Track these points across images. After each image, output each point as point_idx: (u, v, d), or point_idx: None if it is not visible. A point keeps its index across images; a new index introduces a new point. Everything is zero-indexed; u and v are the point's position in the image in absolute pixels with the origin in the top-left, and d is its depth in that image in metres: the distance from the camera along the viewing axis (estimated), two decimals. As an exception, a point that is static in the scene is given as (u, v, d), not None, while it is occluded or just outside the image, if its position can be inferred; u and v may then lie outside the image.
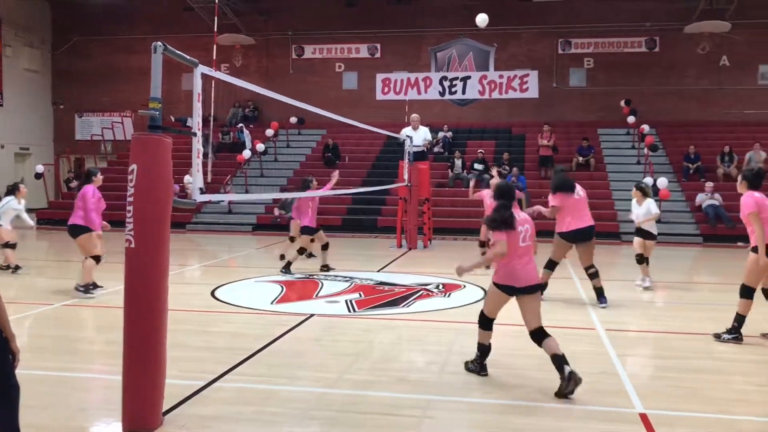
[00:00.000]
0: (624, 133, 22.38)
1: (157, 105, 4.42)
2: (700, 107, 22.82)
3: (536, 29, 23.64)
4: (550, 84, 23.55)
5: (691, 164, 19.92)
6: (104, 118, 26.62)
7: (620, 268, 13.81)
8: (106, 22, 25.86)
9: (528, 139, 22.43)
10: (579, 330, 7.53)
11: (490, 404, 5.04)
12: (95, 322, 7.87)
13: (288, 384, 5.47)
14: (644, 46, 23.41)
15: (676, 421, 4.74)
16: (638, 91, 22.69)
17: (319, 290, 9.78)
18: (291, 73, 25.18)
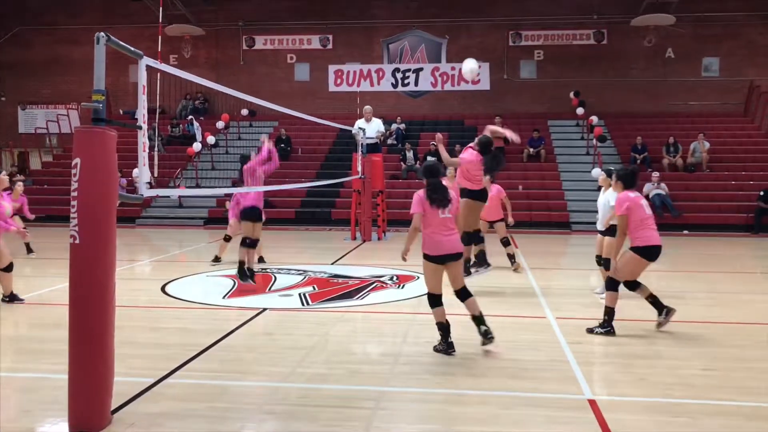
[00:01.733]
0: (573, 124, 22.75)
1: (100, 97, 4.31)
2: (646, 99, 23.34)
3: (487, 21, 23.82)
4: (502, 76, 23.78)
5: (638, 155, 20.37)
6: (49, 111, 25.86)
7: (571, 258, 14.10)
8: (49, 12, 25.12)
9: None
10: (529, 319, 7.64)
11: (442, 394, 5.09)
12: (40, 320, 7.67)
13: (240, 379, 5.43)
14: (592, 39, 23.81)
15: (623, 406, 4.86)
16: (587, 82, 23.09)
17: (272, 284, 9.72)
18: (242, 65, 24.87)
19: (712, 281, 10.64)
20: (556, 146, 22.03)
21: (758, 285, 10.54)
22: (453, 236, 6.08)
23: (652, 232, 6.84)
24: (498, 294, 9.18)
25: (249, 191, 9.24)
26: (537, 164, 20.94)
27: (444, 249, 6.01)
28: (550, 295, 8.92)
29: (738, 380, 5.43)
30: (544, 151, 21.22)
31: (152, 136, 11.88)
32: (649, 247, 6.80)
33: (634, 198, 6.86)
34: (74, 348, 4.28)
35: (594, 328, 6.87)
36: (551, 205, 18.72)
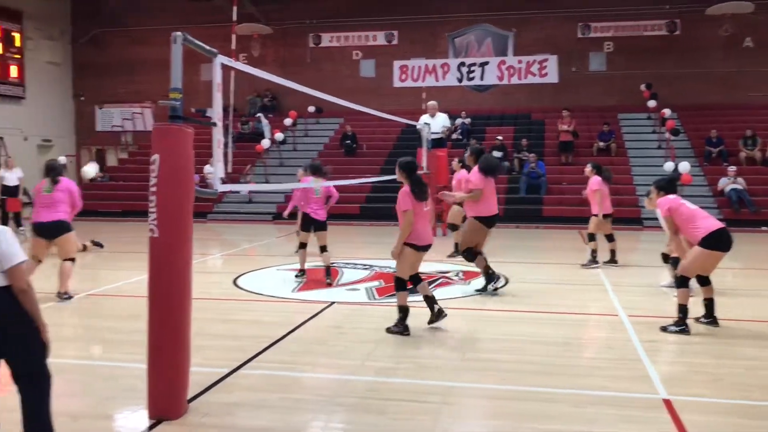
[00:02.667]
0: (645, 117, 22.14)
1: (177, 95, 4.45)
2: (722, 90, 22.49)
3: (555, 13, 23.40)
4: (570, 68, 23.31)
5: (713, 148, 19.68)
6: (124, 109, 26.80)
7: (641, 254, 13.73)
8: (124, 14, 25.99)
9: (547, 125, 22.28)
10: (602, 316, 7.50)
11: (510, 390, 5.05)
12: (120, 311, 7.97)
13: (310, 371, 5.52)
14: (665, 29, 23.08)
15: (699, 406, 4.72)
16: (659, 74, 22.40)
17: (340, 278, 9.82)
18: (308, 62, 25.17)
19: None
20: (626, 140, 21.49)
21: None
22: (429, 228, 6.84)
23: (704, 221, 6.71)
24: (568, 291, 9.04)
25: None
26: (607, 158, 20.42)
27: (428, 239, 6.70)
28: (621, 292, 8.73)
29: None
30: (614, 144, 20.72)
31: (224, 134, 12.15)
32: (709, 236, 6.57)
33: (673, 199, 6.93)
34: (153, 338, 4.44)
35: (668, 327, 6.69)
36: (622, 201, 18.25)
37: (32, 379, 3.55)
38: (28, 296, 3.48)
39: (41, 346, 3.57)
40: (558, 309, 7.75)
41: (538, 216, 18.31)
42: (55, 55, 26.47)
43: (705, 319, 6.88)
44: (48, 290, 8.09)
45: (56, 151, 25.62)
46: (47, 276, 8.46)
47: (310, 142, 23.34)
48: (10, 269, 3.43)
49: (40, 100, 25.58)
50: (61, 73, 26.94)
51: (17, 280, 3.44)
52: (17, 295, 3.45)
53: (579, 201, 18.59)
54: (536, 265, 11.38)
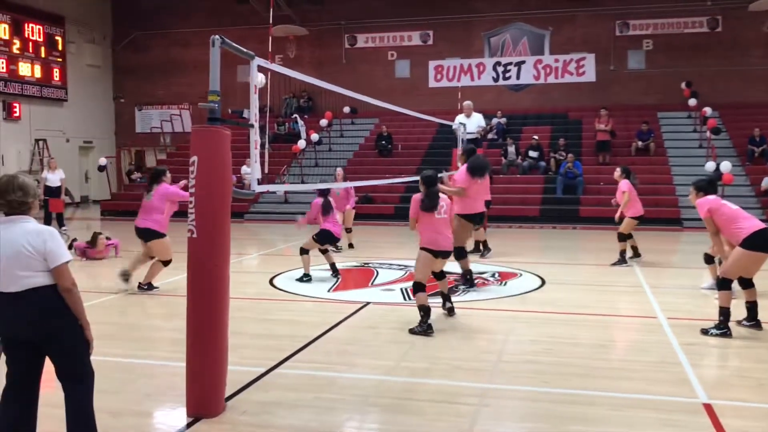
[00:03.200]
0: (685, 116, 21.73)
1: (216, 98, 4.51)
2: (765, 88, 21.96)
3: (592, 11, 23.11)
4: (608, 67, 23.01)
5: (756, 147, 19.24)
6: (163, 111, 27.22)
7: (681, 255, 13.51)
8: (162, 17, 26.40)
9: (585, 124, 22.02)
10: (640, 318, 7.40)
11: (547, 393, 5.01)
12: (159, 310, 8.10)
13: (346, 371, 5.54)
14: (706, 26, 22.64)
15: (742, 411, 4.63)
16: (699, 72, 21.97)
17: (375, 278, 9.85)
18: (344, 63, 25.26)
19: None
20: (666, 139, 21.12)
21: None
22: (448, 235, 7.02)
23: (746, 221, 6.60)
24: (605, 292, 8.93)
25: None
26: (646, 158, 20.13)
27: (443, 245, 6.91)
28: (660, 294, 8.58)
29: None
30: (654, 144, 20.38)
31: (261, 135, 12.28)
32: (752, 236, 6.44)
33: (713, 200, 6.84)
34: (192, 337, 4.50)
35: (709, 330, 6.56)
36: (661, 201, 17.95)
37: (76, 376, 3.63)
38: (72, 295, 3.56)
39: (85, 345, 3.64)
40: (595, 311, 7.66)
41: (575, 216, 18.10)
42: (96, 58, 27.01)
43: (747, 322, 6.74)
44: (93, 289, 8.25)
45: (97, 152, 26.16)
46: (92, 276, 8.62)
47: (346, 142, 23.41)
48: (56, 268, 3.51)
49: (82, 103, 26.12)
50: (101, 76, 27.48)
51: (63, 280, 3.52)
52: (62, 293, 3.53)
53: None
54: (573, 266, 11.26)
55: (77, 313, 3.58)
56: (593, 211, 18.24)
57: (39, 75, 23.87)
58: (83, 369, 3.65)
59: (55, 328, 3.53)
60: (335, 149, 22.88)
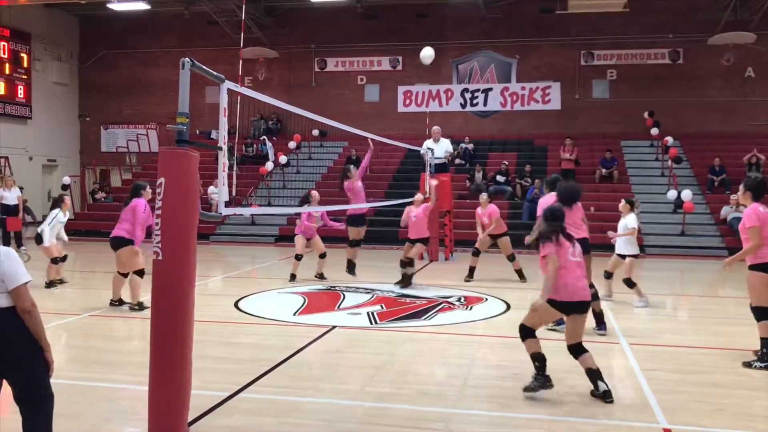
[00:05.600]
0: (647, 145, 22.20)
1: (185, 120, 4.50)
2: (724, 119, 22.59)
3: (558, 41, 23.60)
4: (573, 96, 23.47)
5: (715, 177, 19.73)
6: (129, 130, 26.94)
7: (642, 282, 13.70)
8: (131, 36, 26.23)
9: (550, 151, 22.35)
10: (602, 344, 7.48)
11: (511, 418, 5.04)
12: (121, 332, 7.97)
13: (311, 396, 5.51)
14: (668, 58, 23.26)
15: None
16: (662, 102, 22.51)
17: (341, 302, 9.82)
18: (313, 86, 25.35)
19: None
20: (629, 167, 21.54)
21: None
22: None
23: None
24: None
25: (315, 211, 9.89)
26: (609, 185, 20.49)
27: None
28: (622, 319, 8.71)
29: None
30: (617, 172, 20.77)
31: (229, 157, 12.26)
32: None
33: (764, 213, 6.42)
34: (155, 360, 4.44)
35: (752, 362, 6.39)
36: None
37: (34, 399, 3.55)
38: (32, 316, 3.50)
39: (44, 367, 3.58)
40: (559, 336, 7.72)
41: (541, 242, 18.28)
42: (62, 76, 26.70)
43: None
44: (55, 311, 8.09)
45: (61, 171, 25.75)
46: (56, 297, 8.45)
47: (314, 165, 23.43)
48: (14, 290, 3.45)
49: (46, 121, 25.75)
50: (67, 94, 27.15)
51: (22, 301, 3.46)
52: (21, 315, 3.47)
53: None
54: (537, 291, 11.33)
55: (37, 335, 3.52)
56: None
57: (2, 92, 23.48)
58: (42, 392, 3.57)
59: (13, 351, 3.46)
60: (303, 172, 22.90)
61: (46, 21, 25.64)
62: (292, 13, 24.96)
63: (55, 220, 10.53)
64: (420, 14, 24.22)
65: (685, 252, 17.02)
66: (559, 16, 22.67)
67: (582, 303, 5.44)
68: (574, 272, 5.43)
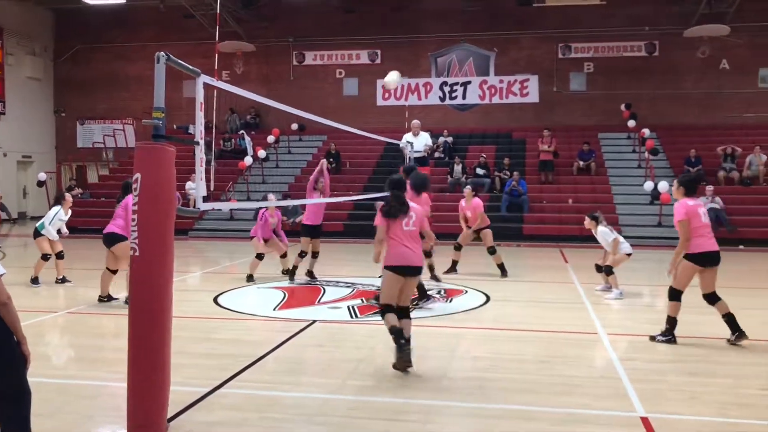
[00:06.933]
0: (625, 137, 22.42)
1: (160, 114, 4.47)
2: (700, 111, 22.87)
3: (536, 34, 23.71)
4: (551, 88, 23.61)
5: (692, 168, 19.96)
6: (105, 126, 26.69)
7: (621, 272, 13.84)
8: (107, 30, 25.96)
9: (529, 144, 22.49)
10: (581, 334, 7.56)
11: (492, 409, 5.08)
12: (100, 329, 7.91)
13: (292, 390, 5.51)
14: (644, 51, 23.47)
15: (677, 424, 4.78)
16: (638, 95, 22.74)
17: (321, 296, 9.82)
18: (292, 80, 25.26)
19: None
20: (606, 159, 21.74)
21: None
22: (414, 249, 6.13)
23: (704, 240, 6.88)
24: (550, 309, 9.10)
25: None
26: (587, 177, 20.69)
27: (404, 260, 6.05)
28: (601, 310, 8.81)
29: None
30: (595, 164, 20.95)
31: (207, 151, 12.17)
32: (701, 254, 6.84)
33: (692, 206, 6.89)
34: (133, 357, 4.42)
35: (656, 336, 6.94)
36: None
37: (11, 395, 3.51)
38: (8, 309, 3.46)
39: (22, 361, 3.53)
40: (538, 327, 7.81)
41: (519, 234, 18.42)
42: (37, 71, 26.34)
43: (732, 337, 6.90)
44: (33, 308, 8.01)
45: (36, 167, 25.44)
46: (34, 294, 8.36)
47: (293, 159, 23.38)
48: (-12, 284, 3.41)
49: (20, 116, 25.42)
50: (42, 89, 26.81)
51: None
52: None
53: (559, 219, 18.80)
54: (517, 283, 11.44)
55: (13, 328, 3.49)
56: (537, 228, 18.62)
57: (-25, 87, 23.17)
58: (20, 387, 3.52)
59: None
60: (283, 166, 22.83)
61: (19, 14, 25.28)
62: (269, 7, 24.84)
63: (56, 218, 10.46)
64: (398, 7, 24.21)
65: (661, 243, 17.19)
66: (537, 9, 22.79)
67: (409, 267, 6.04)
68: (403, 241, 6.03)
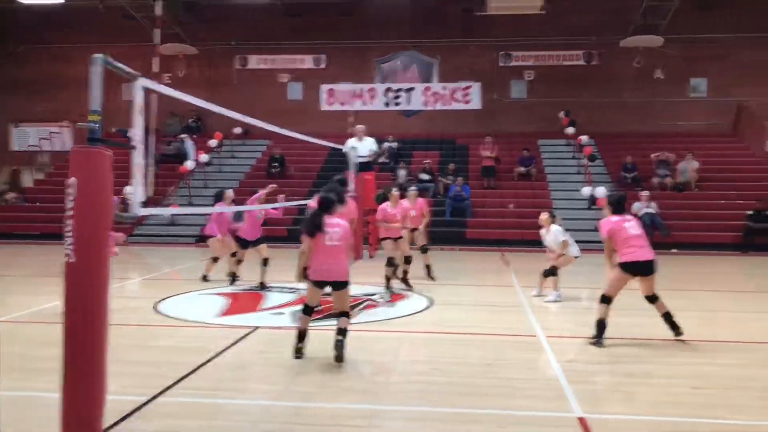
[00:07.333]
0: (564, 143, 22.93)
1: (97, 117, 4.37)
2: (636, 119, 23.57)
3: (477, 42, 24.05)
4: (492, 96, 23.98)
5: (628, 174, 20.54)
6: (42, 128, 25.87)
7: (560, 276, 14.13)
8: (45, 30, 25.19)
9: (471, 150, 22.78)
10: (522, 337, 7.69)
11: (435, 412, 5.12)
12: (35, 338, 7.65)
13: (233, 397, 5.44)
14: (583, 60, 24.07)
15: (613, 424, 4.90)
16: (577, 102, 23.29)
17: (264, 302, 9.73)
18: (235, 83, 24.99)
19: (702, 299, 10.71)
20: (546, 165, 22.19)
21: (749, 303, 10.61)
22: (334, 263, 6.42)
23: (634, 250, 7.22)
24: (492, 312, 9.23)
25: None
26: (528, 183, 21.08)
27: (321, 275, 6.43)
28: (540, 313, 8.98)
29: (729, 399, 5.48)
30: (535, 170, 21.36)
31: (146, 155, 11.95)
32: (628, 263, 7.19)
33: (615, 222, 7.37)
34: (68, 366, 4.29)
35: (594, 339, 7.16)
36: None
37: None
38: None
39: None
40: (480, 330, 7.91)
41: (462, 238, 18.63)
42: (-32, 72, 25.39)
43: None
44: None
45: (-34, 170, 24.49)
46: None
47: (237, 164, 23.11)
48: None
49: (-50, 118, 24.43)
50: (-27, 90, 25.82)
51: None
52: None
53: (501, 224, 19.10)
54: (460, 286, 11.57)
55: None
56: (479, 233, 18.86)
57: None
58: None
59: None
60: (226, 170, 22.55)
61: (-52, 13, 24.33)
62: (211, 9, 24.56)
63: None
64: (344, 13, 24.24)
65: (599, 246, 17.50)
66: (480, 18, 23.14)
67: (326, 282, 6.43)
68: (323, 256, 6.35)
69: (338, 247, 6.43)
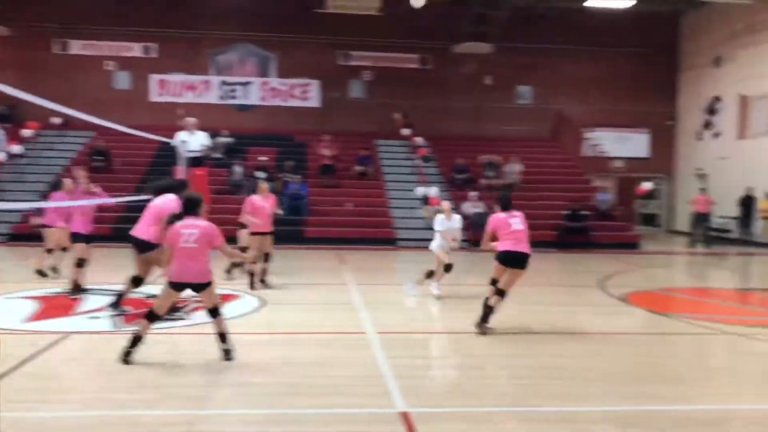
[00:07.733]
0: (400, 144, 23.44)
1: None
2: (467, 122, 24.57)
3: (316, 40, 23.98)
4: (331, 94, 24.02)
5: (459, 175, 21.38)
6: None
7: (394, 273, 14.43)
8: None
9: (310, 148, 22.67)
10: (352, 335, 7.68)
11: (261, 415, 4.96)
12: None
13: (39, 409, 4.96)
14: (418, 63, 24.76)
15: (437, 416, 4.99)
16: (413, 104, 23.90)
17: (80, 305, 9.02)
18: (55, 69, 23.14)
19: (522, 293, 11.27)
20: (383, 165, 22.56)
21: (564, 297, 11.35)
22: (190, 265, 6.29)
23: (508, 242, 7.75)
24: (323, 311, 9.17)
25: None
26: (365, 182, 21.32)
27: (180, 277, 6.28)
28: (373, 310, 9.03)
29: (547, 387, 5.75)
30: (372, 169, 21.66)
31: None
32: (504, 252, 7.73)
33: (502, 218, 7.90)
34: None
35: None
36: (378, 222, 19.12)
37: None
38: None
39: None
40: (310, 329, 7.83)
41: (300, 237, 18.48)
42: None
43: (481, 324, 7.53)
44: None
45: None
46: None
47: (55, 156, 21.38)
48: None
49: None
50: None
51: None
52: None
53: (339, 223, 19.18)
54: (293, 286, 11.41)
55: None
56: (318, 232, 18.81)
57: None
58: None
59: None
60: (42, 163, 20.80)
61: None
62: (27, -12, 22.58)
63: None
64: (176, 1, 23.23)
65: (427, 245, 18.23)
66: (319, 15, 23.07)
67: (182, 284, 6.31)
68: (180, 258, 6.25)
69: (195, 249, 6.26)
